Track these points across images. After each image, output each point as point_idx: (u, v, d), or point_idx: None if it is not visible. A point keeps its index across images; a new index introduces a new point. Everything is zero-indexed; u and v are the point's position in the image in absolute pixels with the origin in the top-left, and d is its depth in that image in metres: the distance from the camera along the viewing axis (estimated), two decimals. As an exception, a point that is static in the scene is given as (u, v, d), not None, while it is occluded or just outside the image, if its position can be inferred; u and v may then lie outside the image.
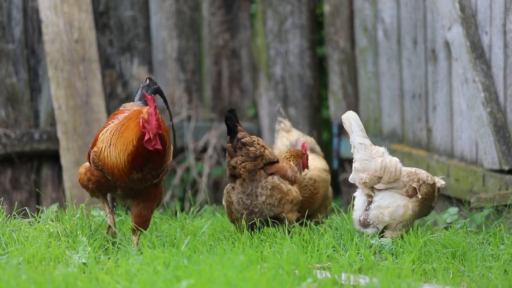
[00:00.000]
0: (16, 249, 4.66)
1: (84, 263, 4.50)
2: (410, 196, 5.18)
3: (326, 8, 7.64)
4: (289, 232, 5.09)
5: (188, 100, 7.72)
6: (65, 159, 7.12)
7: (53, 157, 7.20)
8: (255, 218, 5.16)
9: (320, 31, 7.83)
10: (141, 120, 4.68)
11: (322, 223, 5.56)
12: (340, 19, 7.57)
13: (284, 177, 5.23)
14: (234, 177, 5.21)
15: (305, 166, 5.56)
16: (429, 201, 5.23)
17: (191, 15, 7.67)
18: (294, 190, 5.24)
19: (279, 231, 5.08)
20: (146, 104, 4.88)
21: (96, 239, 4.91)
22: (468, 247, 4.87)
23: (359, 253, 4.69)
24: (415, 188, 5.17)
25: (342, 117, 5.22)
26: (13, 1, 7.07)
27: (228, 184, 5.25)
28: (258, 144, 5.17)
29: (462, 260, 4.74)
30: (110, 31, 7.44)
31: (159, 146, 4.67)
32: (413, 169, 5.25)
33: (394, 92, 7.16)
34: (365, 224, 5.18)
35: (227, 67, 7.83)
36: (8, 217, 5.22)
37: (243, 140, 5.13)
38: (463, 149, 6.47)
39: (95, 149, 4.84)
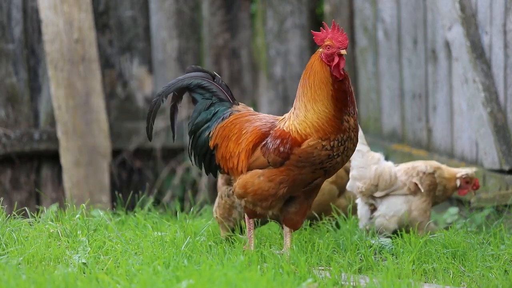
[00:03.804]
0: (16, 249, 4.65)
1: (84, 263, 4.49)
2: (414, 193, 5.17)
3: (326, 8, 7.63)
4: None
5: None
6: (65, 159, 7.11)
7: (53, 157, 7.19)
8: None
9: (320, 31, 7.82)
10: (321, 55, 4.47)
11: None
12: (340, 19, 7.57)
13: None
14: None
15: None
16: (435, 189, 5.21)
17: (191, 15, 7.67)
18: None
19: (279, 231, 5.07)
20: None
21: (96, 239, 4.91)
22: (468, 247, 4.86)
23: (359, 253, 4.68)
24: (416, 184, 5.16)
25: None
26: (13, 1, 7.07)
27: None
28: None
29: (462, 260, 4.73)
30: (110, 31, 7.44)
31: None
32: (410, 164, 5.24)
33: (394, 92, 7.15)
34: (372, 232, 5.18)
35: (227, 67, 7.83)
36: (8, 217, 5.21)
37: None
38: (463, 149, 6.46)
39: (294, 132, 4.38)
